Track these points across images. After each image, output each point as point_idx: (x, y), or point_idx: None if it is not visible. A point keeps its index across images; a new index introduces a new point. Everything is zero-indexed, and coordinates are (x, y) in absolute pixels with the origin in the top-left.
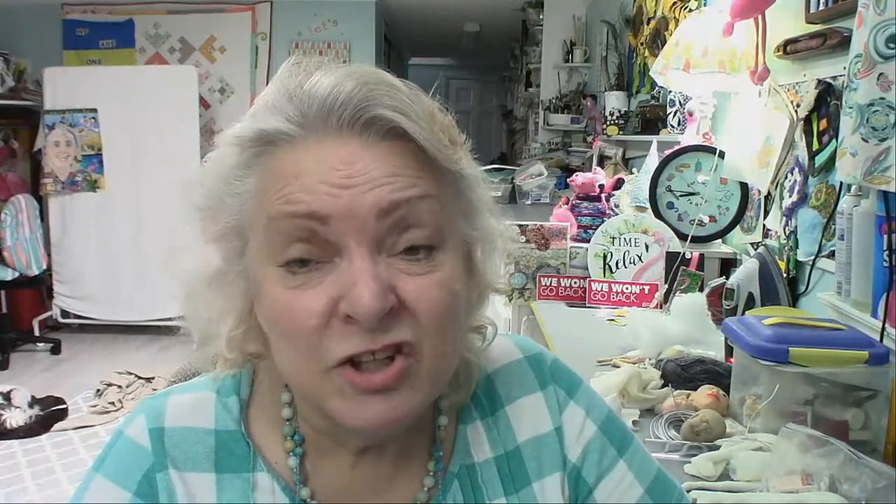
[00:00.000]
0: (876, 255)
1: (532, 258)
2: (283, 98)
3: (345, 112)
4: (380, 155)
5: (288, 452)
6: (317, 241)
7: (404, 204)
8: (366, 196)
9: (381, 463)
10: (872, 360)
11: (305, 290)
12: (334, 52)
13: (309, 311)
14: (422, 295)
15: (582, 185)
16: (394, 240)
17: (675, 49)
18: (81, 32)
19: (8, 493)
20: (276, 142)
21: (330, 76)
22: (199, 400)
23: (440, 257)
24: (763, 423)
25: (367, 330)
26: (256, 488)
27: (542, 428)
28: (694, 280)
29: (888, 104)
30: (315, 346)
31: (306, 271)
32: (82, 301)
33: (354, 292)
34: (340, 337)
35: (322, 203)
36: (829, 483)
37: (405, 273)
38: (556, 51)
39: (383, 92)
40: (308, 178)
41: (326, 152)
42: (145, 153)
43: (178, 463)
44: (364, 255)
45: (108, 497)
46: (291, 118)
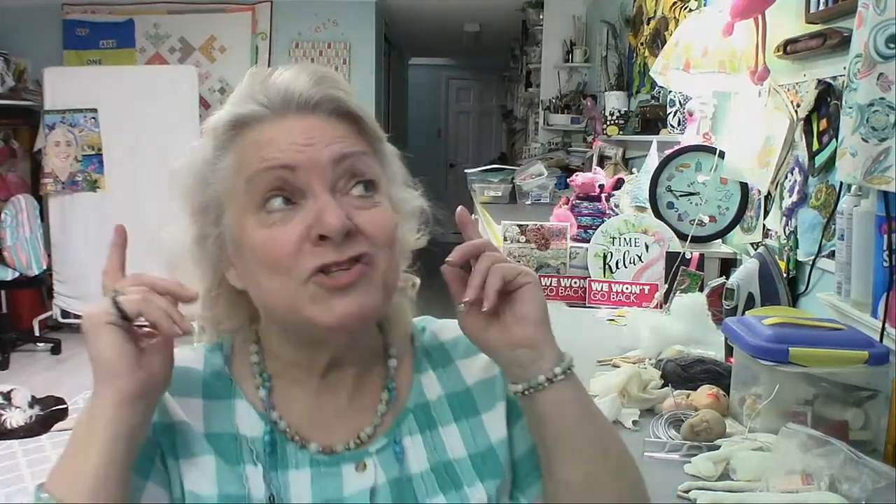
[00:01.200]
0: (876, 255)
1: (532, 258)
2: (252, 89)
3: (301, 96)
4: (330, 125)
5: (257, 388)
6: (288, 187)
7: (351, 156)
8: (323, 150)
9: (339, 392)
10: (872, 360)
11: (282, 226)
12: (334, 52)
13: (286, 239)
14: (371, 221)
15: (582, 185)
16: (345, 182)
17: (675, 49)
18: (81, 32)
19: (8, 493)
20: (249, 123)
21: (289, 71)
22: (190, 352)
23: (379, 197)
24: (763, 423)
25: (335, 246)
26: (236, 412)
27: (490, 373)
28: (694, 280)
29: (888, 104)
30: (292, 265)
31: (281, 211)
32: (82, 301)
33: (324, 217)
34: (313, 254)
35: (291, 157)
36: (829, 483)
37: (356, 208)
38: (556, 51)
39: (330, 82)
40: (279, 142)
41: (290, 125)
42: (145, 153)
43: (173, 390)
44: (326, 192)
45: None
46: (261, 102)
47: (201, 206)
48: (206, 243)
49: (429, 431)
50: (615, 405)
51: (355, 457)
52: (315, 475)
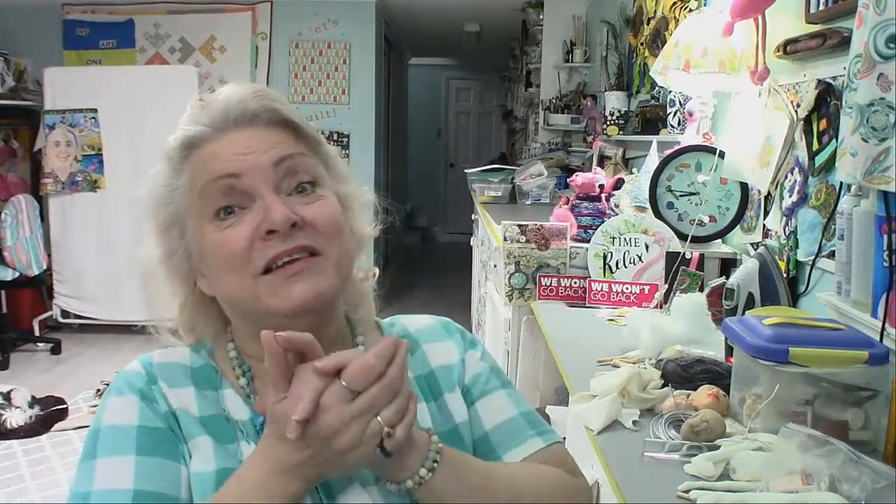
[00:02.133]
0: (876, 255)
1: (532, 258)
2: (198, 110)
3: (238, 109)
4: (268, 133)
5: (238, 378)
6: (235, 193)
7: (289, 158)
8: (263, 155)
9: None
10: (872, 360)
11: (234, 228)
12: (334, 51)
13: (237, 238)
14: (316, 212)
15: (582, 185)
16: (288, 183)
17: (675, 49)
18: (81, 32)
19: (8, 493)
20: (196, 143)
21: (227, 88)
22: (178, 351)
23: (321, 192)
24: (763, 423)
25: (282, 238)
26: (224, 399)
27: (451, 359)
28: (694, 280)
29: (888, 104)
30: (245, 261)
31: (232, 216)
32: (82, 301)
33: (269, 213)
34: (263, 249)
35: (235, 165)
36: (829, 483)
37: (301, 203)
38: (556, 51)
39: (264, 94)
40: (222, 154)
41: (231, 139)
42: (145, 153)
43: (166, 381)
44: (270, 192)
45: (121, 402)
46: (204, 122)
47: (165, 224)
48: (175, 257)
49: None
50: (615, 405)
51: None
52: None
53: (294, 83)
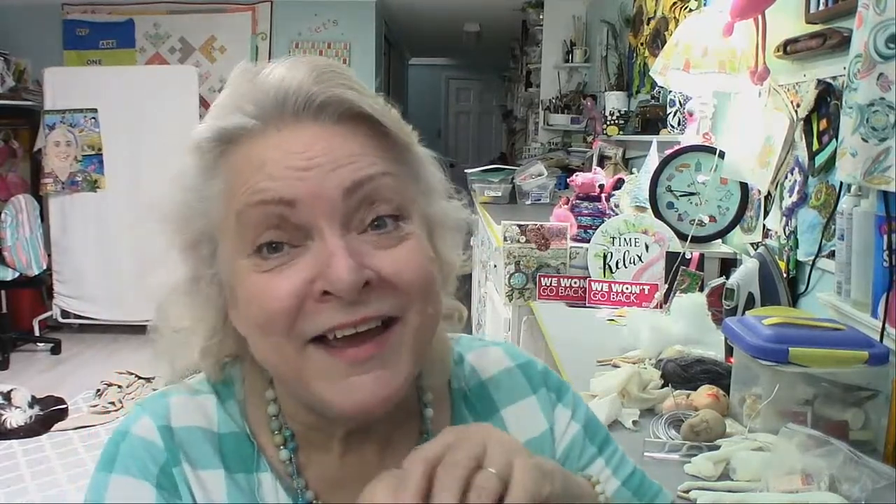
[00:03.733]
0: (876, 255)
1: (532, 258)
2: (238, 95)
3: (298, 98)
4: (338, 136)
5: (278, 447)
6: (287, 227)
7: (367, 181)
8: (330, 177)
9: (367, 452)
10: (872, 360)
11: (278, 273)
12: (334, 52)
13: (282, 293)
14: (398, 266)
15: (582, 185)
16: (361, 216)
17: (675, 49)
18: (81, 32)
19: (8, 493)
20: (236, 138)
21: (280, 67)
22: (199, 403)
23: (408, 227)
24: (763, 423)
25: (346, 304)
26: (261, 487)
27: (538, 429)
28: (694, 280)
29: (888, 104)
30: (288, 325)
31: (278, 256)
32: (82, 301)
33: (331, 268)
34: (315, 314)
35: (289, 188)
36: (829, 483)
37: (377, 248)
38: (556, 51)
39: (334, 75)
40: (272, 166)
41: (286, 140)
42: (145, 153)
43: (191, 459)
44: (335, 233)
45: (132, 492)
46: (248, 112)
47: (190, 242)
48: (201, 284)
49: None
50: (615, 405)
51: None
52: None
53: None
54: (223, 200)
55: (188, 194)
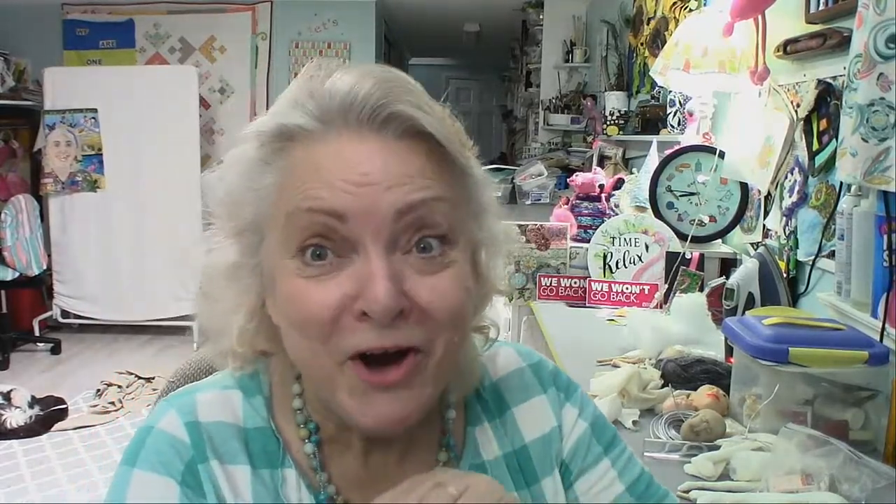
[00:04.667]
0: (876, 255)
1: (532, 258)
2: (305, 94)
3: (364, 108)
4: (398, 154)
5: (303, 440)
6: (334, 237)
7: (420, 205)
8: (384, 196)
9: (389, 452)
10: (872, 360)
11: (320, 282)
12: (334, 52)
13: (322, 303)
14: (435, 296)
15: (582, 185)
16: (408, 237)
17: (675, 49)
18: (81, 32)
19: (8, 493)
20: (296, 137)
21: (350, 74)
22: (226, 398)
23: (452, 255)
24: (763, 423)
25: (380, 327)
26: (285, 483)
27: (546, 427)
28: (694, 280)
29: (888, 104)
30: (326, 337)
31: (322, 264)
32: (82, 301)
33: (370, 291)
34: (352, 332)
35: (341, 201)
36: (829, 483)
37: (418, 272)
38: (556, 51)
39: (402, 91)
40: (328, 173)
41: (345, 148)
42: (145, 153)
43: (220, 455)
44: (380, 254)
45: (155, 488)
46: (311, 113)
47: (238, 229)
48: (243, 271)
49: None
50: (615, 405)
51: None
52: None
53: None
54: (275, 195)
55: (241, 181)
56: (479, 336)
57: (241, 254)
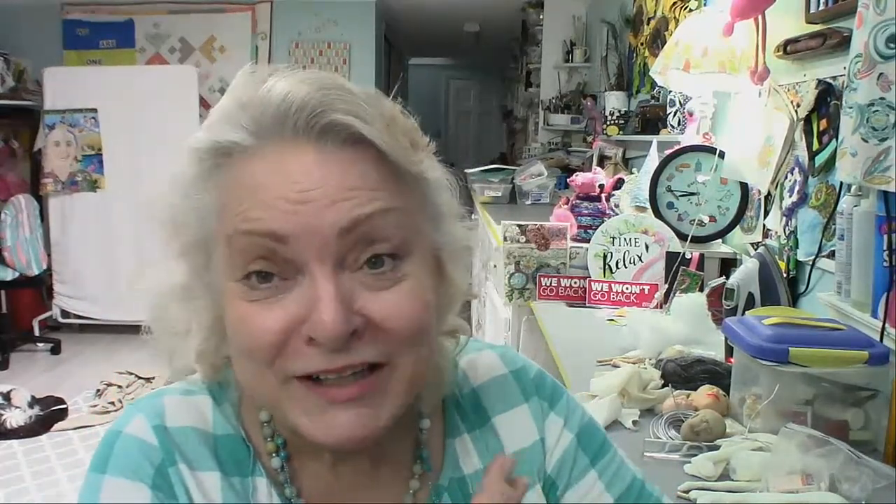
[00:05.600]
0: (876, 255)
1: (532, 258)
2: (237, 107)
3: (300, 118)
4: (339, 165)
5: (270, 454)
6: (277, 260)
7: (366, 220)
8: (325, 213)
9: (359, 463)
10: (872, 360)
11: (266, 307)
12: (334, 52)
13: (267, 329)
14: (390, 312)
15: (582, 185)
16: (356, 255)
17: (675, 49)
18: (81, 32)
19: (8, 493)
20: (232, 153)
21: (283, 81)
22: (195, 403)
23: (406, 268)
24: (763, 423)
25: (330, 350)
26: (256, 492)
27: (528, 439)
28: (694, 280)
29: (888, 104)
30: (272, 361)
31: (268, 286)
32: (82, 301)
33: (316, 315)
34: (297, 355)
35: (280, 221)
36: (829, 483)
37: (370, 289)
38: (556, 51)
39: (338, 96)
40: (265, 192)
41: (283, 162)
42: (145, 153)
43: (188, 460)
44: (326, 275)
45: (127, 493)
46: (245, 128)
47: (184, 248)
48: (195, 292)
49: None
50: (615, 405)
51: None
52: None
53: None
54: (215, 214)
55: (181, 201)
56: (450, 340)
57: (189, 274)
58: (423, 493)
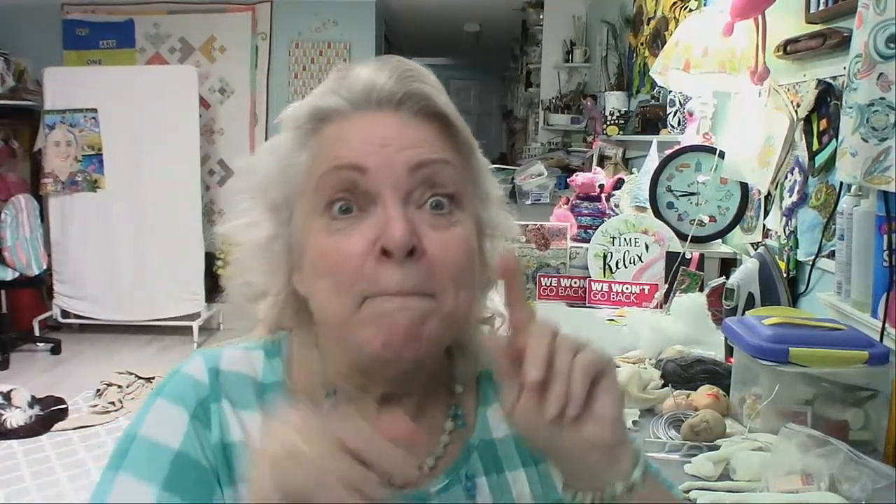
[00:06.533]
0: (876, 255)
1: (532, 258)
2: (335, 83)
3: (383, 91)
4: (411, 126)
5: (321, 399)
6: (357, 192)
7: (431, 164)
8: (399, 154)
9: (399, 416)
10: (872, 360)
11: (346, 235)
12: (334, 52)
13: (349, 252)
14: (442, 245)
15: (582, 185)
16: (421, 193)
17: (675, 49)
18: (81, 32)
19: (8, 493)
20: (328, 117)
21: (372, 65)
22: (249, 356)
23: (459, 215)
24: (763, 423)
25: (396, 266)
26: None
27: None
28: (694, 280)
29: (888, 104)
30: (351, 282)
31: (347, 218)
32: (82, 301)
33: (388, 229)
34: (372, 276)
35: (363, 157)
36: (829, 483)
37: (429, 226)
38: (556, 51)
39: (416, 77)
40: (353, 139)
41: (368, 123)
42: (145, 153)
43: (232, 399)
44: (396, 203)
45: (170, 413)
46: (343, 96)
47: (274, 203)
48: (276, 244)
49: (495, 475)
50: None
51: (416, 498)
52: None
53: (294, 83)
54: (307, 169)
55: (279, 161)
56: (486, 327)
57: (275, 226)
58: (453, 449)
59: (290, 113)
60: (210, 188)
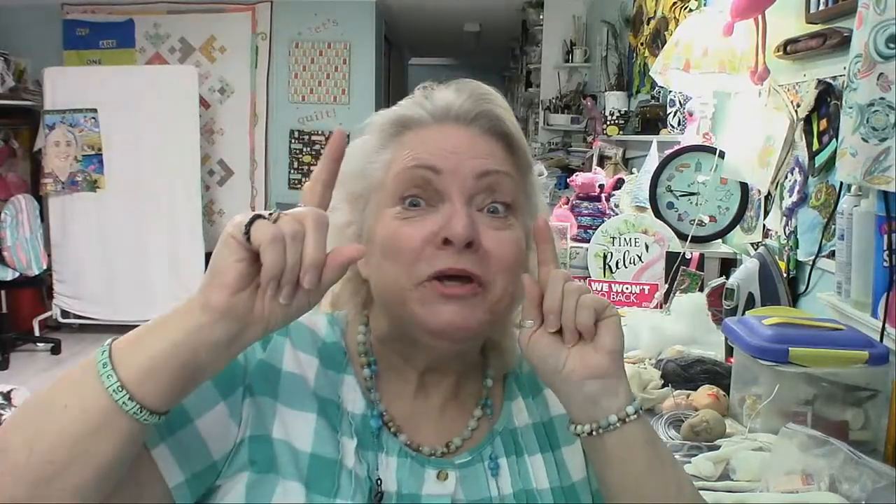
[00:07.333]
0: (876, 255)
1: None
2: (420, 97)
3: (461, 109)
4: (481, 141)
5: (363, 367)
6: (429, 189)
7: (494, 174)
8: (469, 162)
9: (435, 395)
10: (872, 360)
11: (412, 223)
12: (334, 51)
13: (412, 236)
14: (497, 245)
15: (582, 185)
16: (483, 198)
17: (675, 49)
18: (81, 32)
19: None
20: (410, 125)
21: (453, 85)
22: (315, 318)
23: (513, 220)
24: (763, 423)
25: (454, 252)
26: (343, 385)
27: None
28: (694, 280)
29: (888, 104)
30: (412, 263)
31: (416, 210)
32: (82, 301)
33: (451, 222)
34: (433, 257)
35: (438, 160)
36: (829, 483)
37: (487, 226)
38: (556, 51)
39: (489, 99)
40: (431, 145)
41: (445, 133)
42: (145, 153)
43: (295, 342)
44: (461, 202)
45: None
46: (426, 108)
47: (353, 195)
48: (349, 230)
49: (515, 457)
50: None
51: (439, 464)
52: (400, 465)
53: (294, 83)
54: (385, 166)
55: (363, 158)
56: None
57: (351, 214)
58: (479, 433)
59: (377, 119)
60: (210, 188)
